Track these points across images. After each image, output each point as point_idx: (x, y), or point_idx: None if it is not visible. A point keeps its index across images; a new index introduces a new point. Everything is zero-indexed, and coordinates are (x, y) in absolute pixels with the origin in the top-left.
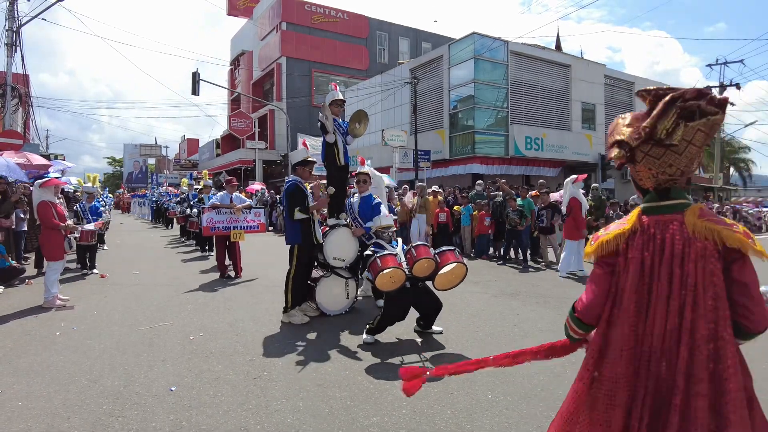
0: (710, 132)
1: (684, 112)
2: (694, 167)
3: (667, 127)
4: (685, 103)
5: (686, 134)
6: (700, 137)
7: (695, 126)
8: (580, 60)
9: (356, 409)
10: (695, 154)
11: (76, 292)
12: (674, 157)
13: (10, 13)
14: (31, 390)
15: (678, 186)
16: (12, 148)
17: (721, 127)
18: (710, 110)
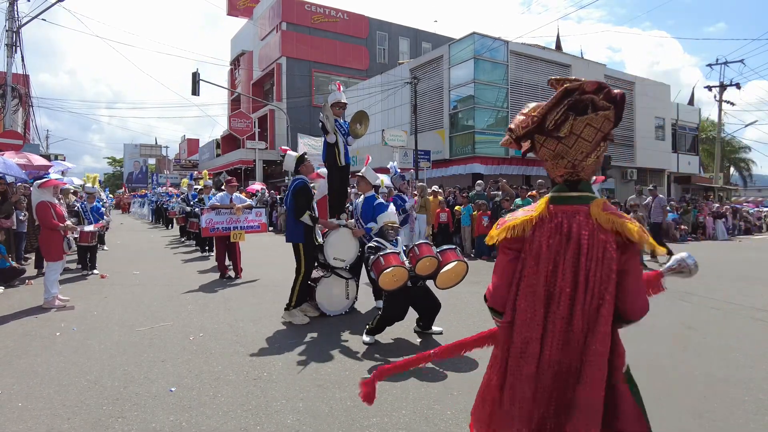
0: (600, 127)
1: (576, 105)
2: (588, 162)
3: (556, 118)
4: (581, 95)
5: (575, 128)
6: (590, 132)
7: (584, 120)
8: (581, 60)
9: (356, 410)
10: (586, 148)
11: (76, 293)
12: (565, 150)
13: (10, 14)
14: (32, 391)
15: (586, 181)
16: (12, 148)
17: (722, 125)
18: (602, 105)
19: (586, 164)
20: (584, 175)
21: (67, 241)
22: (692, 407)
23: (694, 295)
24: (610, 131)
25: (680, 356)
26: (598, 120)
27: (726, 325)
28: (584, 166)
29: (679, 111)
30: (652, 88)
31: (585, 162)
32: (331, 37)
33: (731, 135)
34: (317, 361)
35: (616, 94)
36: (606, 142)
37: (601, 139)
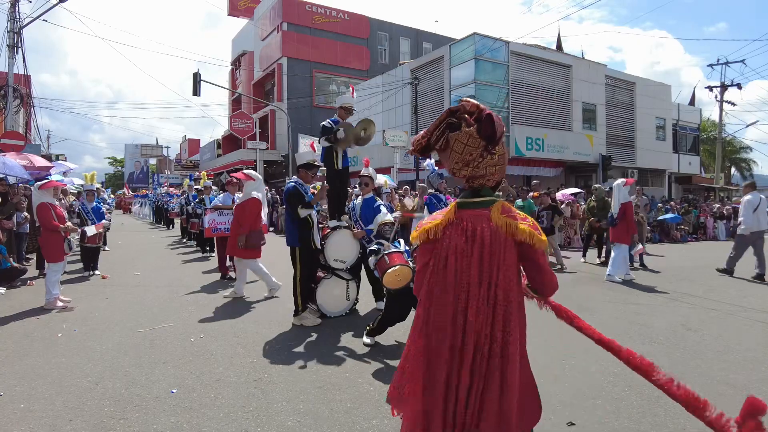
0: (467, 142)
1: (452, 123)
2: (467, 171)
3: (438, 134)
4: (459, 115)
5: (449, 142)
6: (458, 146)
7: (454, 136)
8: (581, 60)
9: (356, 412)
10: (457, 158)
11: (77, 293)
12: (445, 158)
13: (12, 15)
14: (33, 392)
15: (487, 186)
16: (14, 149)
17: (723, 126)
18: (471, 123)
19: (475, 174)
20: (486, 183)
21: (68, 242)
22: None
23: (693, 296)
24: (483, 146)
25: (678, 357)
26: (463, 136)
27: (724, 326)
28: (475, 176)
29: (680, 111)
30: (653, 88)
31: (463, 171)
32: (332, 37)
33: (732, 135)
34: (318, 362)
35: (482, 115)
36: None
37: (478, 153)
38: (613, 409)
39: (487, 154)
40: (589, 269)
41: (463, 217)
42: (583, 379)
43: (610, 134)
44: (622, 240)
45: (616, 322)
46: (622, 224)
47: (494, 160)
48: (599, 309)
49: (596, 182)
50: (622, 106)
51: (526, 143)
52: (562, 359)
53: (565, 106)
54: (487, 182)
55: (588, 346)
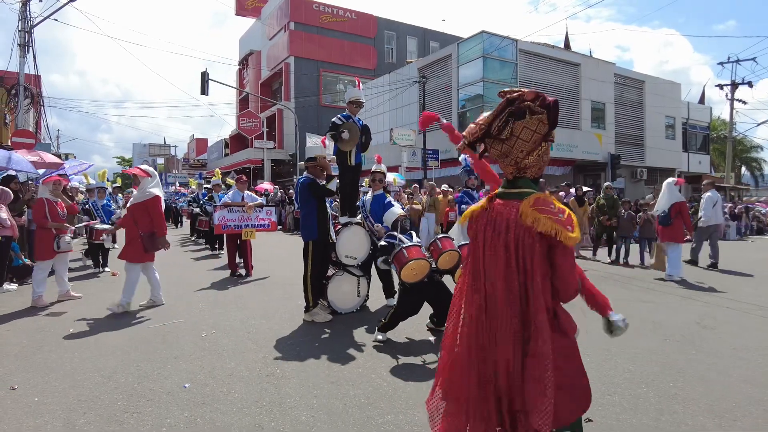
0: (536, 129)
1: (516, 112)
2: (532, 159)
3: (499, 124)
4: (521, 104)
5: (515, 130)
6: (527, 133)
7: (521, 123)
8: (590, 58)
9: (370, 408)
10: (524, 147)
11: (88, 290)
12: (508, 150)
13: (23, 14)
14: (47, 386)
15: (527, 177)
16: (25, 147)
17: (734, 125)
18: (537, 110)
19: (528, 162)
20: (528, 174)
21: (58, 240)
22: (710, 407)
23: (708, 294)
24: (547, 133)
25: (695, 356)
26: (533, 123)
27: (741, 324)
28: (527, 164)
29: (689, 110)
30: (662, 86)
31: (526, 160)
32: (339, 36)
33: (743, 134)
34: (329, 358)
35: (549, 101)
36: (547, 143)
37: (540, 139)
38: (630, 406)
39: (546, 142)
40: (601, 268)
41: (495, 206)
42: (598, 375)
43: (619, 133)
44: (676, 239)
45: (631, 320)
46: (677, 223)
47: (547, 148)
48: (613, 306)
49: (605, 181)
50: (631, 104)
51: None
52: None
53: (573, 104)
54: (528, 173)
55: (602, 343)
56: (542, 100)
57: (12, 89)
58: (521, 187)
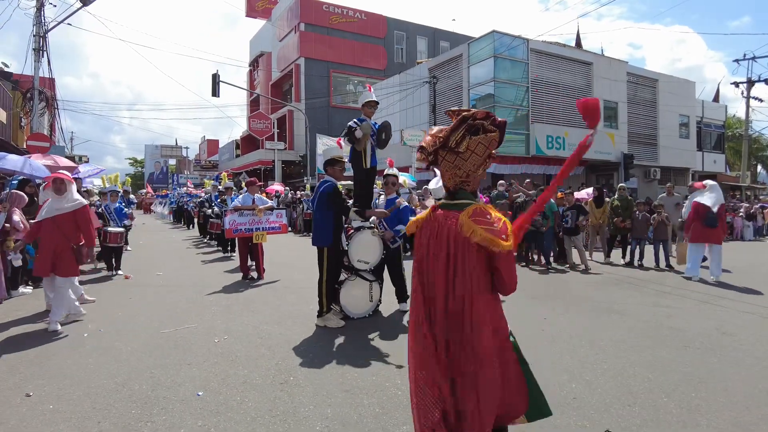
0: (489, 145)
1: (471, 128)
2: (479, 172)
3: (457, 138)
4: (474, 121)
5: (470, 145)
6: (481, 148)
7: (477, 139)
8: (602, 57)
9: (386, 417)
10: (476, 161)
11: (101, 293)
12: (462, 162)
13: (38, 19)
14: (62, 393)
15: (466, 190)
16: (40, 150)
17: (750, 123)
18: (490, 129)
19: (477, 175)
20: (469, 188)
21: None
22: (735, 420)
23: (725, 298)
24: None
25: (715, 364)
26: (487, 140)
27: (762, 331)
28: (474, 177)
29: (704, 108)
30: (676, 85)
31: (476, 173)
32: (349, 37)
33: (759, 132)
34: (343, 364)
35: (499, 121)
36: (490, 159)
37: (488, 156)
38: (651, 418)
39: (488, 158)
40: (614, 270)
41: (438, 216)
42: (617, 384)
43: (632, 132)
44: (720, 240)
45: (647, 325)
46: (722, 225)
47: (489, 165)
48: (629, 311)
49: (618, 181)
50: (645, 103)
51: (546, 142)
52: (593, 363)
53: None
54: (471, 187)
55: (620, 351)
56: (493, 120)
57: (27, 93)
58: (461, 199)
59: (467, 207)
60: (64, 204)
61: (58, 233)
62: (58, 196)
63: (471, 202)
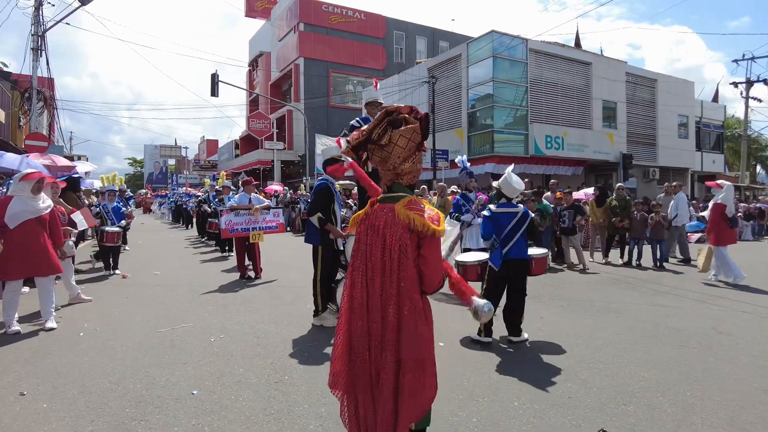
0: (410, 137)
1: (393, 122)
2: (407, 166)
3: (379, 131)
4: (397, 115)
5: (392, 137)
6: (403, 141)
7: (398, 132)
8: (601, 57)
9: None
10: (401, 153)
11: (98, 293)
12: (387, 155)
13: (36, 18)
14: (56, 392)
15: (401, 184)
16: (38, 150)
17: (749, 123)
18: (412, 121)
19: (404, 168)
20: (404, 181)
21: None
22: (730, 419)
23: (723, 297)
24: (421, 142)
25: (712, 363)
26: (408, 131)
27: (759, 329)
28: (403, 170)
29: (703, 108)
30: (675, 85)
31: (403, 166)
32: (349, 37)
33: (758, 132)
34: None
35: (421, 114)
36: (420, 152)
37: (414, 148)
38: (646, 417)
39: (417, 152)
40: (612, 270)
41: (375, 210)
42: (613, 383)
43: (631, 132)
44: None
45: (644, 324)
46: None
47: (420, 157)
48: (626, 311)
49: (617, 181)
50: (643, 103)
51: (545, 141)
52: (589, 362)
53: (584, 103)
54: (404, 180)
55: (617, 350)
56: (416, 113)
57: (25, 93)
58: (397, 192)
59: (402, 199)
60: (40, 204)
61: (42, 233)
62: (34, 196)
63: (406, 195)
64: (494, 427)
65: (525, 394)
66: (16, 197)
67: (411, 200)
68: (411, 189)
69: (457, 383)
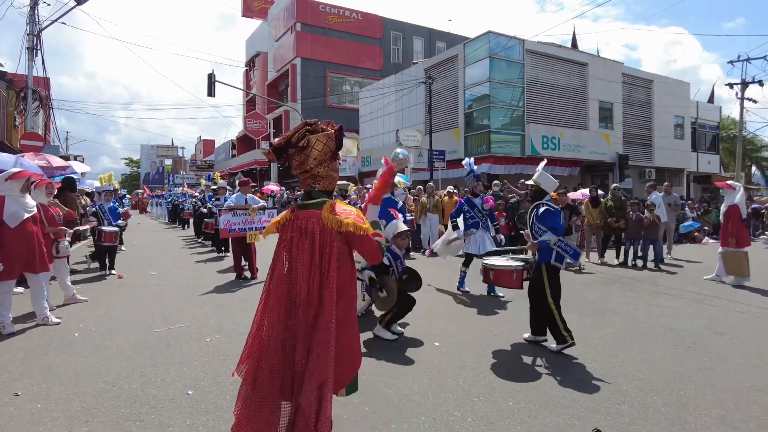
0: (326, 143)
1: (310, 130)
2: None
3: (298, 135)
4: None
5: (310, 141)
6: (319, 145)
7: (316, 136)
8: (597, 58)
9: (375, 416)
10: (316, 155)
11: (94, 293)
12: (305, 158)
13: (31, 18)
14: (50, 392)
15: (319, 190)
16: (33, 150)
17: (744, 124)
18: (328, 129)
19: (319, 172)
20: (320, 186)
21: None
22: (722, 417)
23: (718, 298)
24: (335, 150)
25: (707, 363)
26: (323, 137)
27: (753, 330)
28: (319, 174)
29: (698, 109)
30: (671, 86)
31: (318, 169)
32: (346, 37)
33: (753, 133)
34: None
35: (336, 127)
36: (334, 161)
37: (330, 153)
38: (639, 416)
39: (333, 160)
40: (608, 270)
41: (299, 216)
42: (607, 383)
43: (627, 133)
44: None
45: (640, 324)
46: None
47: (335, 165)
48: (621, 310)
49: (613, 181)
50: (640, 104)
51: (541, 142)
52: (584, 362)
53: (581, 104)
54: (322, 186)
55: (612, 350)
56: (332, 125)
57: (21, 92)
58: (316, 198)
59: (323, 204)
60: (29, 202)
61: (36, 232)
62: (21, 194)
63: (325, 200)
64: (489, 426)
65: (520, 394)
66: (8, 197)
67: (332, 205)
68: (328, 195)
69: (452, 383)
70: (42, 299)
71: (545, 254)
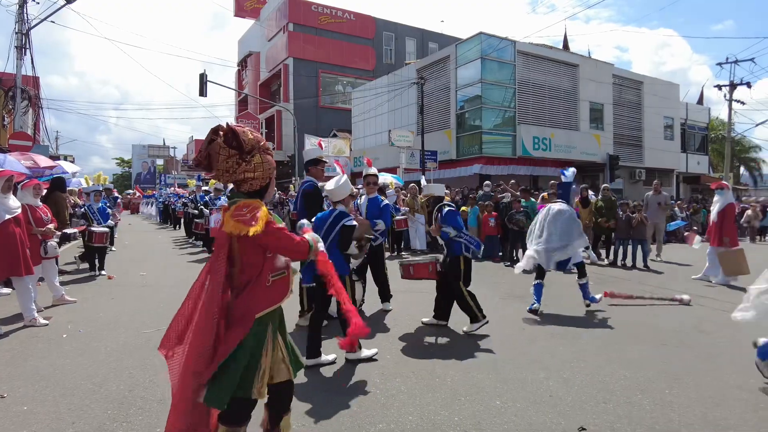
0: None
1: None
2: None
3: (202, 150)
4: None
5: (212, 149)
6: (216, 147)
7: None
8: (588, 59)
9: (362, 416)
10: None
11: (83, 293)
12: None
13: (20, 16)
14: (37, 394)
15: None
16: (22, 149)
17: (733, 125)
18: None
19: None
20: (243, 188)
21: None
22: (704, 415)
23: (705, 297)
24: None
25: (690, 360)
26: (216, 147)
27: (738, 329)
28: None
29: (688, 110)
30: (660, 87)
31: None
32: (338, 37)
33: (741, 134)
34: (322, 365)
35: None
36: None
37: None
38: (624, 414)
39: (243, 162)
40: (598, 270)
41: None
42: (593, 382)
43: (618, 134)
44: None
45: (627, 323)
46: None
47: (251, 167)
48: (609, 309)
49: (603, 182)
50: (630, 105)
51: (533, 143)
52: (571, 361)
53: (572, 105)
54: (249, 187)
55: (599, 349)
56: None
57: (9, 91)
58: (233, 198)
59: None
60: (11, 203)
61: (19, 233)
62: (4, 194)
63: (237, 200)
64: (476, 425)
65: (507, 393)
66: None
67: (238, 205)
68: (254, 195)
69: (439, 382)
70: (29, 301)
71: (457, 248)
